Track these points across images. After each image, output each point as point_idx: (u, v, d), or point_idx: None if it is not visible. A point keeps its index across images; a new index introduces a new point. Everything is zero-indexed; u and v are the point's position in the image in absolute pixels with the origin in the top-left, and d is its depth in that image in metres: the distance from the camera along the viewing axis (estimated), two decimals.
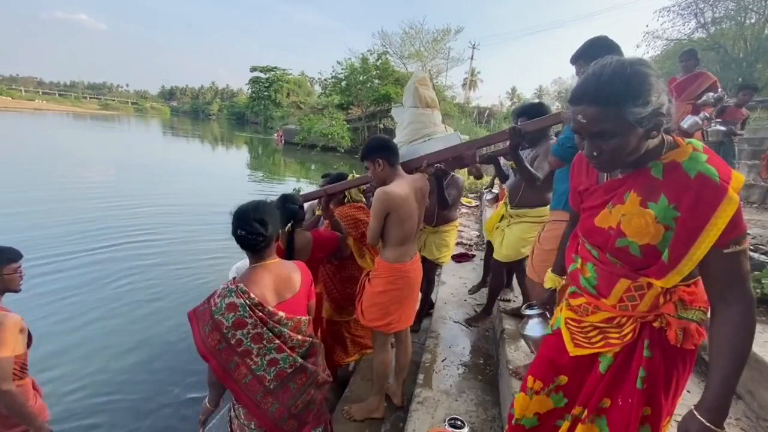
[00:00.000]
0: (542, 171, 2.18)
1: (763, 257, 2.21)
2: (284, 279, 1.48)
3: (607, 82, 0.84)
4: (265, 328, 1.37)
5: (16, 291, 1.78)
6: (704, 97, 3.66)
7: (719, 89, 3.66)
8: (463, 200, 7.21)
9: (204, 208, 8.32)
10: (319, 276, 2.55)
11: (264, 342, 1.37)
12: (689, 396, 1.56)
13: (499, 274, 2.81)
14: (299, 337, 1.46)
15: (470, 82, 39.61)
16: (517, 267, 2.76)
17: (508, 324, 2.57)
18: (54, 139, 21.43)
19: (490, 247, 3.07)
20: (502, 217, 2.73)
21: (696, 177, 0.84)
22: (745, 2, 14.79)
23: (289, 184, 13.03)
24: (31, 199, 7.84)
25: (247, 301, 1.34)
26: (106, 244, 5.80)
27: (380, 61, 24.80)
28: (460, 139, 2.23)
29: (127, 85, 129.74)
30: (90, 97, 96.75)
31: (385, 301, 2.04)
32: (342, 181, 2.50)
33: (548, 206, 2.37)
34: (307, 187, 12.60)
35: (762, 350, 1.52)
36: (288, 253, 2.08)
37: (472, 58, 35.30)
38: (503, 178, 2.69)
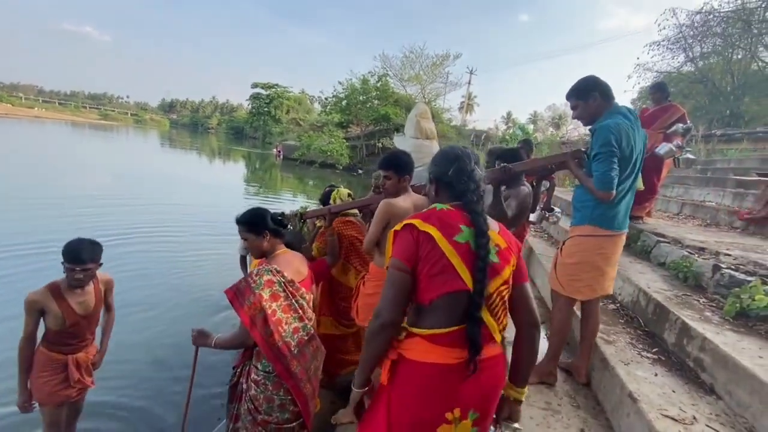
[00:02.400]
0: (511, 209, 2.48)
1: (742, 275, 2.40)
2: (299, 262, 1.84)
3: None
4: (293, 300, 1.69)
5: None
6: (674, 128, 3.95)
7: (688, 121, 3.97)
8: None
9: (195, 220, 8.30)
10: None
11: (291, 312, 1.67)
12: (675, 395, 1.71)
13: None
14: (311, 310, 1.81)
15: (467, 106, 40.56)
16: None
17: (507, 332, 2.71)
18: (49, 145, 21.54)
19: None
20: None
21: None
22: (732, 39, 15.55)
23: (285, 201, 13.14)
24: (19, 205, 7.76)
25: (282, 279, 1.67)
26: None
27: (380, 82, 25.44)
28: None
29: (128, 97, 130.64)
30: (90, 107, 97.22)
31: (376, 302, 2.18)
32: (347, 202, 2.69)
33: None
34: (303, 202, 12.75)
35: (739, 355, 1.68)
36: None
37: (469, 83, 36.33)
38: None
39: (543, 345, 2.27)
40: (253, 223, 1.76)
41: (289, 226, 2.48)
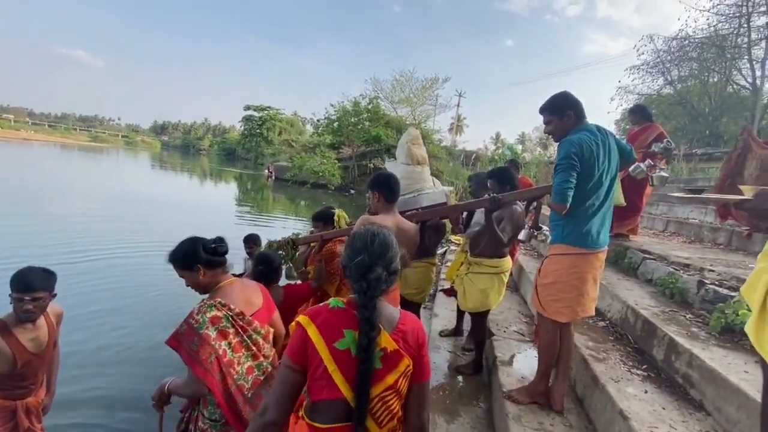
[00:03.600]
0: (506, 233, 2.50)
1: (726, 291, 2.45)
2: (251, 292, 1.67)
3: None
4: (244, 336, 1.52)
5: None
6: (653, 147, 4.06)
7: (666, 139, 4.10)
8: (453, 238, 7.44)
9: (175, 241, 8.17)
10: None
11: (244, 350, 1.51)
12: (665, 412, 1.72)
13: (480, 325, 2.83)
14: (268, 346, 1.62)
15: (456, 127, 41.40)
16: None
17: (500, 351, 2.71)
18: (32, 167, 21.33)
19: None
20: (461, 263, 2.92)
21: None
22: (708, 63, 16.27)
23: (277, 221, 13.11)
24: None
25: (228, 313, 1.49)
26: (76, 274, 5.54)
27: (371, 105, 25.92)
28: (447, 197, 2.53)
29: (119, 119, 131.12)
30: (80, 129, 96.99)
31: None
32: (339, 230, 2.75)
33: (504, 258, 2.72)
34: (294, 221, 12.72)
35: (726, 371, 1.70)
36: None
37: (458, 105, 37.19)
38: (466, 228, 2.91)
39: (535, 363, 2.28)
40: (182, 259, 1.55)
41: (277, 253, 2.48)
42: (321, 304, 1.16)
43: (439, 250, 7.11)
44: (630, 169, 3.95)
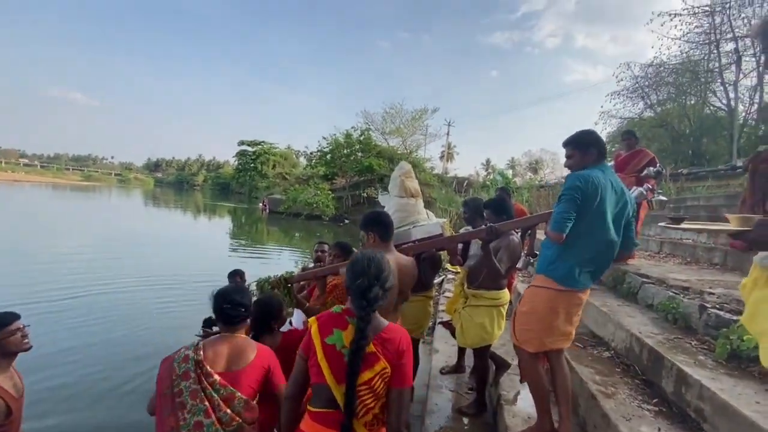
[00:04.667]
0: (504, 264, 2.49)
1: (728, 315, 2.42)
2: (237, 352, 1.60)
3: None
4: (200, 386, 1.49)
5: (25, 350, 1.83)
6: (645, 171, 4.21)
7: (658, 164, 4.25)
8: (450, 267, 7.38)
9: (176, 279, 8.06)
10: None
11: (197, 400, 1.48)
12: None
13: (482, 362, 2.76)
14: (229, 411, 1.49)
15: (447, 155, 42.18)
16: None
17: (504, 389, 2.61)
18: (19, 208, 21.11)
19: None
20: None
21: None
22: (684, 87, 16.96)
23: (272, 254, 12.97)
24: None
25: (195, 357, 1.53)
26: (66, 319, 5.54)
27: (363, 136, 26.45)
28: (441, 228, 2.52)
29: (112, 157, 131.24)
30: (73, 169, 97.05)
31: None
32: (325, 266, 2.71)
33: (503, 290, 2.68)
34: (288, 254, 12.59)
35: (737, 402, 1.64)
36: None
37: (448, 134, 38.08)
38: (465, 260, 2.86)
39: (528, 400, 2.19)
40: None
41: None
42: (329, 311, 1.44)
43: (436, 280, 7.03)
44: (629, 193, 4.06)
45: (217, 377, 1.51)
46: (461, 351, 3.31)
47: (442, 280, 7.14)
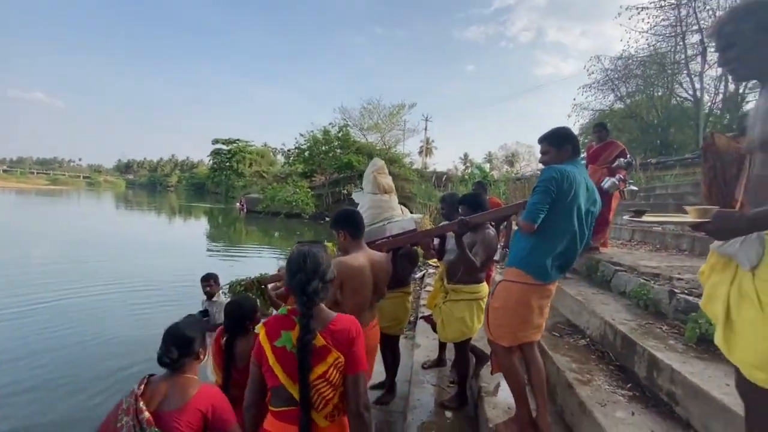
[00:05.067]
0: (479, 257, 2.49)
1: (696, 299, 2.49)
2: (175, 392, 1.52)
3: None
4: (136, 423, 1.44)
5: None
6: (617, 162, 4.34)
7: (628, 155, 4.41)
8: (430, 261, 7.41)
9: (150, 283, 7.82)
10: None
11: None
12: (638, 417, 1.67)
13: (463, 356, 2.76)
14: None
15: (426, 150, 42.41)
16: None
17: (484, 381, 2.62)
18: None
19: None
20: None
21: None
22: (651, 79, 17.54)
23: (252, 254, 12.73)
24: None
25: (136, 392, 1.48)
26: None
27: (341, 132, 26.21)
28: (415, 223, 2.50)
29: (80, 160, 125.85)
30: (38, 173, 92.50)
31: None
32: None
33: (481, 284, 2.69)
34: (268, 254, 12.38)
35: (707, 385, 1.68)
36: (227, 358, 2.01)
37: (426, 129, 38.26)
38: (442, 253, 2.88)
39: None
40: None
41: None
42: (274, 314, 1.46)
43: (417, 275, 7.04)
44: (602, 183, 4.19)
45: (146, 415, 1.45)
46: (442, 345, 3.31)
47: (423, 275, 7.16)
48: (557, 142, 2.02)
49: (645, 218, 1.31)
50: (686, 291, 2.64)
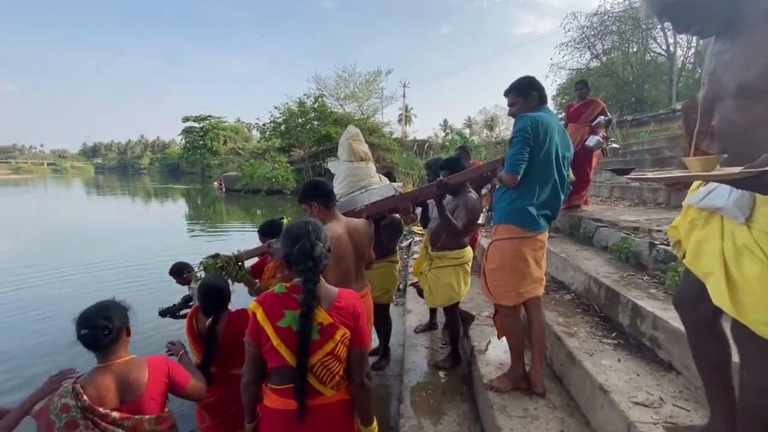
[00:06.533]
0: (461, 220, 2.48)
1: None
2: (127, 381, 1.47)
3: None
4: (97, 430, 1.37)
5: None
6: (597, 120, 4.39)
7: (608, 114, 4.50)
8: (416, 229, 7.46)
9: (131, 273, 7.64)
10: None
11: None
12: (639, 378, 1.76)
13: (453, 319, 2.80)
14: None
15: (405, 118, 41.75)
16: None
17: (476, 340, 2.70)
18: None
19: None
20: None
21: None
22: (627, 35, 17.49)
23: (234, 234, 12.53)
24: None
25: (79, 404, 1.36)
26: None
27: (317, 103, 25.41)
28: (395, 191, 2.45)
29: (42, 146, 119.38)
30: None
31: None
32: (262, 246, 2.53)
33: (465, 249, 2.69)
34: (253, 233, 12.22)
35: None
36: (209, 339, 1.96)
37: (404, 96, 37.55)
38: (426, 221, 2.87)
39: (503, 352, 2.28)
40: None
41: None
42: (267, 291, 1.40)
43: (403, 244, 7.09)
44: (586, 141, 4.24)
45: (115, 414, 1.40)
46: (432, 309, 3.38)
47: (410, 243, 7.23)
48: (523, 91, 2.00)
49: (634, 175, 1.22)
50: (665, 242, 2.74)
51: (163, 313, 3.46)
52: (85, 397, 1.37)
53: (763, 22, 1.03)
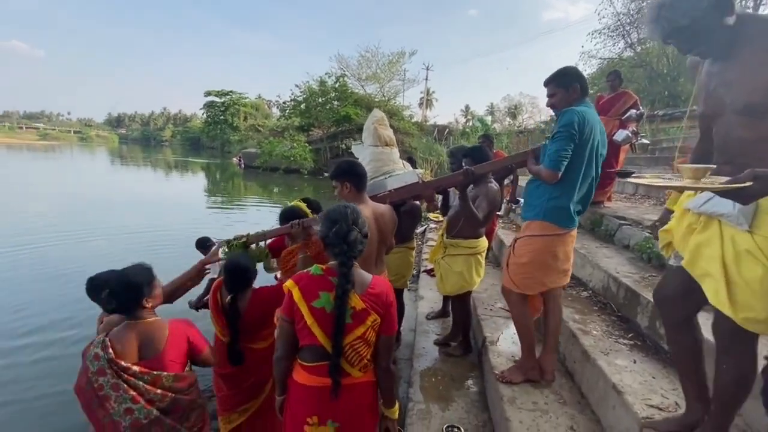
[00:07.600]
0: (482, 210, 2.46)
1: None
2: (148, 340, 1.63)
3: None
4: (120, 380, 1.53)
5: None
6: (628, 114, 4.20)
7: (640, 107, 4.26)
8: (432, 216, 7.43)
9: (155, 239, 7.89)
10: None
11: (120, 391, 1.53)
12: (655, 381, 1.75)
13: (463, 307, 2.81)
14: (159, 391, 1.58)
15: (426, 102, 41.06)
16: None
17: (488, 331, 2.71)
18: None
19: None
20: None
21: None
22: None
23: (250, 209, 12.73)
24: None
25: (106, 355, 1.54)
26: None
27: (338, 83, 25.18)
28: (418, 177, 2.43)
29: (69, 114, 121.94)
30: (27, 128, 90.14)
31: None
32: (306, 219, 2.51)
33: (481, 239, 2.68)
34: (270, 210, 12.40)
35: (708, 333, 1.73)
36: (231, 317, 1.97)
37: (426, 79, 36.76)
38: (446, 209, 2.85)
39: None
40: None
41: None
42: (304, 271, 1.43)
43: (419, 230, 7.09)
44: (615, 136, 4.09)
45: (136, 368, 1.55)
46: (446, 297, 3.39)
47: (425, 230, 7.22)
48: (565, 83, 1.91)
49: (636, 180, 1.34)
50: None
51: (197, 306, 2.87)
52: (110, 350, 1.54)
53: (762, 44, 1.13)
